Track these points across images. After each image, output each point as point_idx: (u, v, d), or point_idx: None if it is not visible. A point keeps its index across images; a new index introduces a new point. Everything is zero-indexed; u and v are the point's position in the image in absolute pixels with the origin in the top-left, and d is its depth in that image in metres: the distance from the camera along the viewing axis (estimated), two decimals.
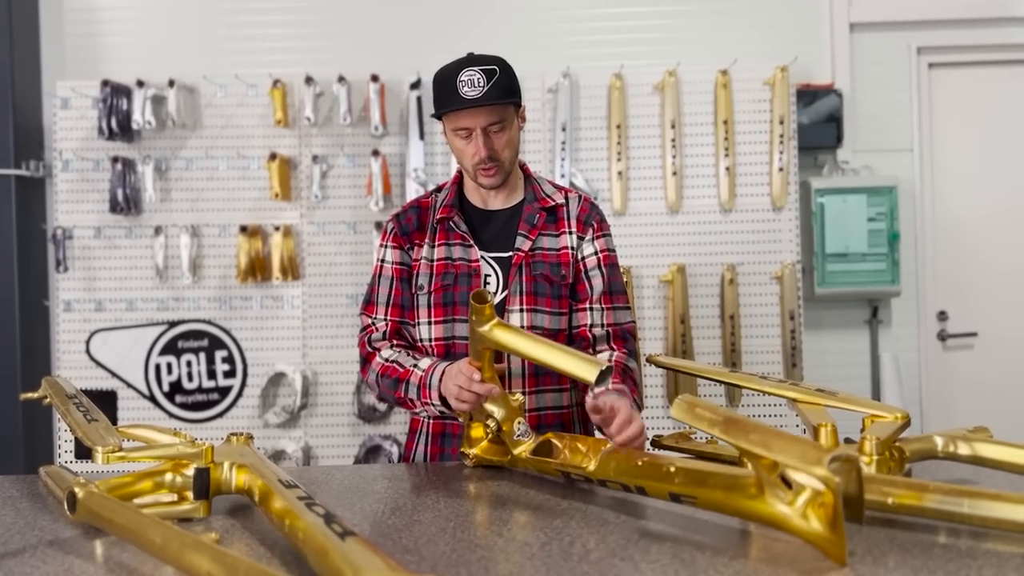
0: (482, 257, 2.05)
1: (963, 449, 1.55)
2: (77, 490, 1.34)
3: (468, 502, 1.62)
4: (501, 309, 2.01)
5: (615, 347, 2.07)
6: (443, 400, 1.85)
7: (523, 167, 2.15)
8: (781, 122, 3.80)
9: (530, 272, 2.03)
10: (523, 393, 1.99)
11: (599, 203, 3.80)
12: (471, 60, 1.97)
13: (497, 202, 2.11)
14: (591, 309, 2.08)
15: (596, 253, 2.10)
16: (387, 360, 2.01)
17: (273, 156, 3.77)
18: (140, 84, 3.77)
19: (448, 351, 2.03)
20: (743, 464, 1.43)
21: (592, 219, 2.11)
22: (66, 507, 1.37)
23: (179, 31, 4.15)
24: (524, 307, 2.01)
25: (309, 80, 3.77)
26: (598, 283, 2.08)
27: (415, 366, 1.94)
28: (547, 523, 1.43)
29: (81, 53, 4.14)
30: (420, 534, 1.38)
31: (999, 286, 4.16)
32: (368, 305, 2.12)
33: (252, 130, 3.89)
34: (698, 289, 3.83)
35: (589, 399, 1.83)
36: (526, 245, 2.04)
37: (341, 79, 3.77)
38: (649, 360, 2.16)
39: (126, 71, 3.92)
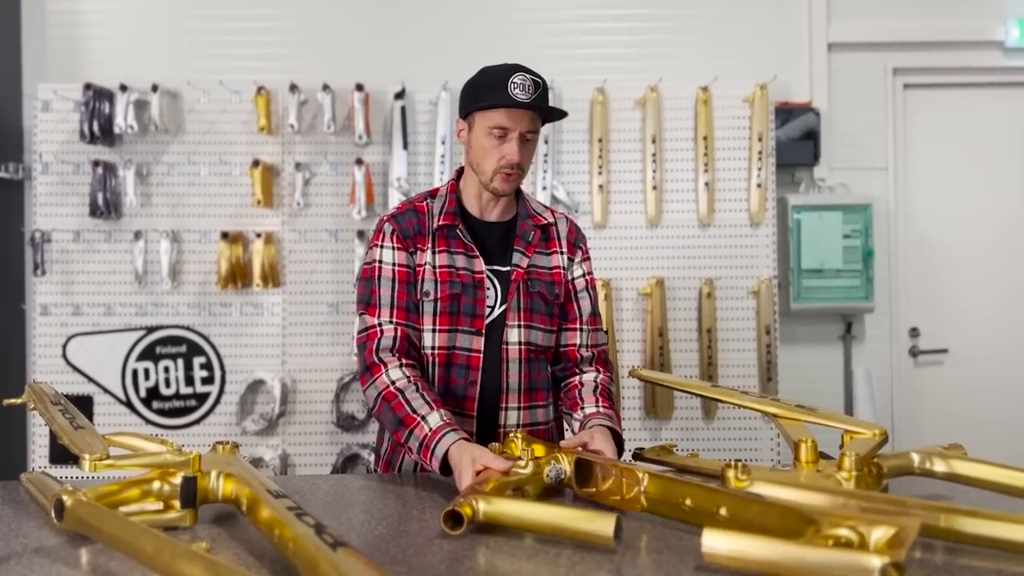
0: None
1: (939, 466, 1.59)
2: (65, 498, 1.34)
3: None
4: (501, 324, 2.03)
5: (599, 370, 2.14)
6: (443, 468, 1.77)
7: None
8: (760, 139, 3.85)
9: (527, 289, 2.05)
10: (518, 408, 2.03)
11: (579, 216, 3.85)
12: (520, 66, 1.97)
13: (494, 214, 2.10)
14: (581, 330, 2.14)
15: (584, 276, 2.17)
16: (395, 386, 1.90)
17: (256, 163, 3.77)
18: (123, 88, 3.76)
19: (448, 360, 2.02)
20: (726, 479, 1.46)
21: (580, 241, 2.19)
22: (53, 515, 1.37)
23: (163, 36, 4.14)
24: (521, 323, 2.04)
25: (293, 88, 3.77)
26: (586, 304, 2.16)
27: (423, 419, 1.83)
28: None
29: (63, 56, 4.12)
30: (408, 545, 1.39)
31: (970, 304, 4.24)
32: (369, 306, 2.01)
33: (235, 136, 3.88)
34: (676, 302, 3.87)
35: (571, 439, 1.85)
36: (524, 262, 2.06)
37: (326, 87, 3.78)
38: (632, 374, 2.19)
39: (109, 75, 3.91)
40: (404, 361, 1.96)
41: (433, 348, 2.03)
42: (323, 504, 1.69)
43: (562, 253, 2.14)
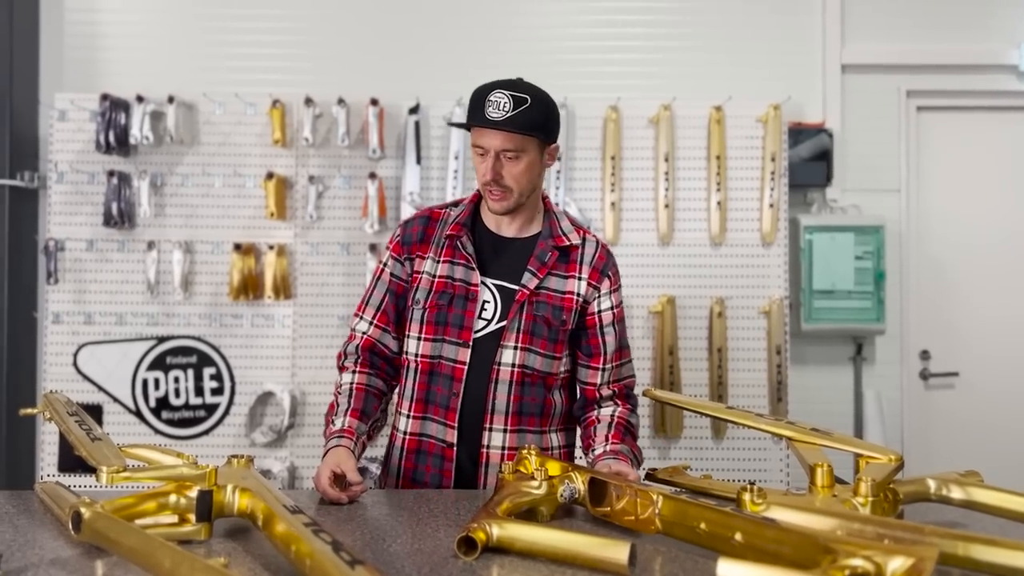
0: (483, 283, 2.04)
1: (956, 493, 1.58)
2: (83, 510, 1.34)
3: None
4: (496, 341, 2.02)
5: (618, 403, 2.11)
6: None
7: (544, 200, 2.14)
8: (772, 159, 3.86)
9: (531, 311, 2.02)
10: (503, 431, 2.02)
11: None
12: (509, 83, 1.96)
13: (511, 230, 2.09)
14: (603, 369, 2.10)
15: (612, 309, 2.10)
16: (338, 390, 2.08)
17: (270, 175, 3.79)
18: (139, 99, 3.78)
19: (433, 369, 2.04)
20: (741, 502, 1.46)
21: (609, 270, 2.10)
22: (70, 527, 1.37)
23: (180, 48, 4.17)
24: (519, 345, 2.02)
25: (309, 101, 3.79)
26: (611, 340, 2.10)
27: (333, 422, 2.01)
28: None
29: (80, 66, 4.15)
30: (423, 563, 1.39)
31: (981, 327, 4.22)
32: (360, 303, 2.15)
33: (249, 149, 3.90)
34: (687, 321, 3.87)
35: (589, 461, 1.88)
36: (533, 283, 2.03)
37: (340, 101, 3.80)
38: (645, 394, 2.19)
39: (125, 86, 3.94)
40: (358, 368, 2.09)
41: (418, 355, 2.06)
42: (336, 520, 1.68)
43: (581, 279, 2.07)
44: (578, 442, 2.19)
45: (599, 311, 2.09)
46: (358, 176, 3.88)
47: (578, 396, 2.16)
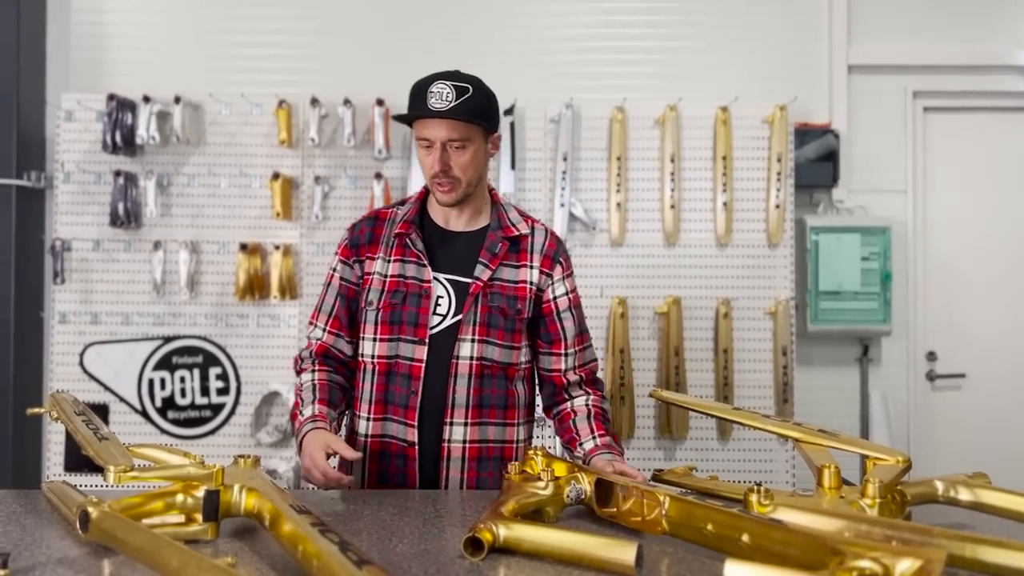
0: (435, 278, 2.04)
1: (964, 495, 1.57)
2: (91, 510, 1.35)
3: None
4: (453, 336, 2.02)
5: (589, 391, 2.13)
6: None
7: (491, 192, 2.15)
8: (779, 160, 3.85)
9: (486, 303, 2.03)
10: (464, 424, 2.02)
11: (597, 234, 3.85)
12: (448, 74, 1.98)
13: (459, 223, 2.10)
14: (566, 355, 2.12)
15: (567, 294, 2.12)
16: (300, 387, 2.08)
17: (276, 175, 3.79)
18: (146, 99, 3.79)
19: (390, 369, 2.04)
20: (748, 504, 1.45)
21: (560, 256, 2.12)
22: (78, 526, 1.37)
23: (186, 48, 4.18)
24: (476, 337, 2.02)
25: (315, 101, 3.80)
26: (570, 326, 2.11)
27: (301, 412, 2.01)
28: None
29: (87, 67, 4.16)
30: (429, 563, 1.39)
31: (988, 328, 4.21)
32: (314, 310, 2.16)
33: (255, 149, 3.91)
34: (693, 322, 3.86)
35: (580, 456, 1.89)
36: (485, 275, 2.03)
37: (346, 102, 3.81)
38: (651, 395, 2.18)
39: (132, 86, 3.95)
40: (317, 367, 2.10)
41: (374, 357, 2.06)
42: (341, 520, 1.68)
43: (532, 267, 2.09)
44: (538, 432, 2.20)
45: (554, 297, 2.10)
46: (364, 176, 3.89)
47: (544, 386, 2.16)
